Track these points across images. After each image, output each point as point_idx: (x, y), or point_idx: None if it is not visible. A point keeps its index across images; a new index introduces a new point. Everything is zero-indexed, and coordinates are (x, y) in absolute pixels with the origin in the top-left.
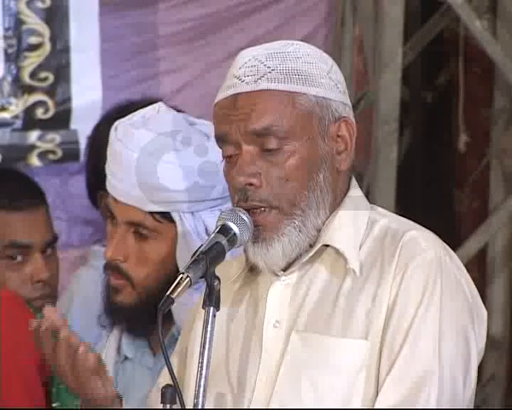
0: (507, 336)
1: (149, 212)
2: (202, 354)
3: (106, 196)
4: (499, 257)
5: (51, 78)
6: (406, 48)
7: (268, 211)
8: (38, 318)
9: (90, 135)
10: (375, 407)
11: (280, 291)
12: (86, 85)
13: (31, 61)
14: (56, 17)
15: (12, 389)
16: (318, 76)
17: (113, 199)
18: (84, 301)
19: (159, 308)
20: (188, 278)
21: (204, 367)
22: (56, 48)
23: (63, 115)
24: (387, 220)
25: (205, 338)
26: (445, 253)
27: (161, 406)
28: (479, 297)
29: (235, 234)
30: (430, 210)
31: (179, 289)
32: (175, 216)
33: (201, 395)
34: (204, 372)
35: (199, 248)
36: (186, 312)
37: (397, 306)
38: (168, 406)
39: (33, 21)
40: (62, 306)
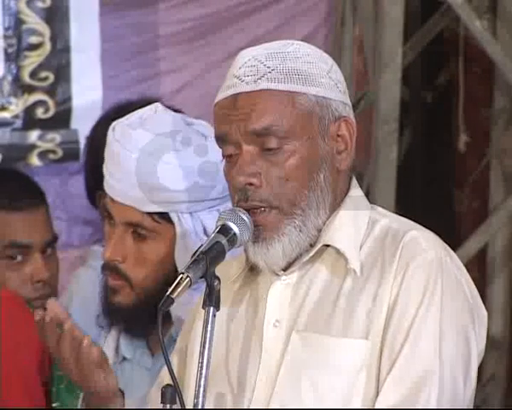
0: (507, 336)
1: (147, 212)
2: (202, 354)
3: (104, 197)
4: (499, 257)
5: (51, 77)
6: (406, 48)
7: (268, 211)
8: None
9: (89, 135)
10: (376, 407)
11: (280, 291)
12: (86, 85)
13: (31, 61)
14: (56, 17)
15: (12, 389)
16: (318, 76)
17: (111, 199)
18: (84, 301)
19: (159, 308)
20: (188, 278)
21: (204, 367)
22: (56, 47)
23: (63, 115)
24: (388, 220)
25: (205, 338)
26: (446, 253)
27: (161, 405)
28: (479, 298)
29: (235, 234)
30: (430, 210)
31: (179, 289)
32: (173, 217)
33: (201, 395)
34: (204, 372)
35: (199, 248)
36: (185, 312)
37: (397, 306)
38: (168, 406)
39: (33, 21)
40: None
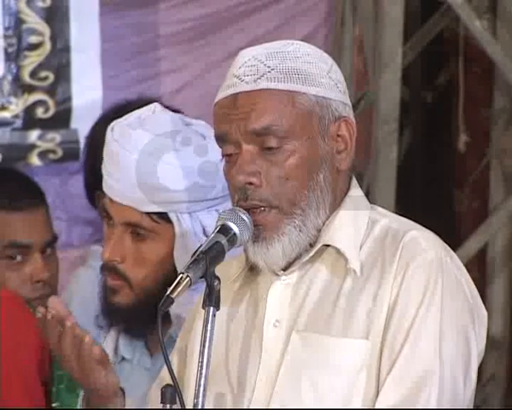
0: (507, 336)
1: (146, 212)
2: (202, 354)
3: (103, 197)
4: (499, 257)
5: (51, 77)
6: (406, 48)
7: (268, 210)
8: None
9: (88, 135)
10: (376, 407)
11: (280, 291)
12: (86, 85)
13: (31, 61)
14: (56, 16)
15: (12, 389)
16: (318, 76)
17: (110, 200)
18: (83, 301)
19: (159, 308)
20: (188, 278)
21: (204, 367)
22: (57, 47)
23: (63, 115)
24: (388, 220)
25: (205, 337)
26: (446, 253)
27: (161, 405)
28: (479, 298)
29: (235, 234)
30: (430, 210)
31: (179, 288)
32: (172, 217)
33: (201, 395)
34: (204, 372)
35: (199, 247)
36: (185, 310)
37: (398, 306)
38: (168, 406)
39: (33, 21)
40: None
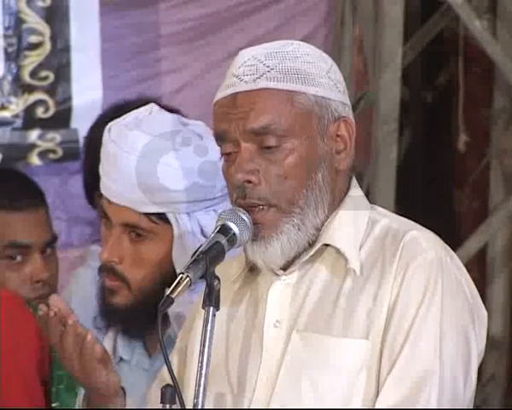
0: (507, 336)
1: (144, 213)
2: (202, 353)
3: (102, 197)
4: (499, 257)
5: (51, 77)
6: (406, 48)
7: (266, 209)
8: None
9: (87, 135)
10: (376, 407)
11: (280, 291)
12: (86, 85)
13: (31, 60)
14: (57, 16)
15: (12, 389)
16: (318, 75)
17: (107, 200)
18: (83, 300)
19: (158, 308)
20: (188, 278)
21: (204, 366)
22: (57, 47)
23: (63, 114)
24: (388, 220)
25: (205, 337)
26: (446, 253)
27: (161, 405)
28: (479, 298)
29: (234, 234)
30: (430, 210)
31: (179, 288)
32: (170, 217)
33: (201, 395)
34: (204, 372)
35: (199, 247)
36: (185, 309)
37: (398, 306)
38: (168, 406)
39: (33, 20)
40: None
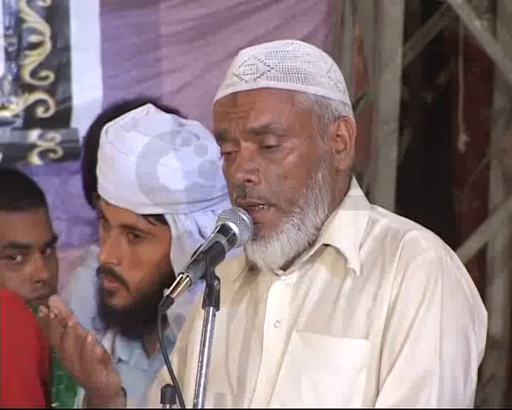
0: (507, 336)
1: (142, 214)
2: (202, 353)
3: (100, 198)
4: (499, 257)
5: (52, 76)
6: (406, 48)
7: (266, 208)
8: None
9: (86, 135)
10: (376, 407)
11: (280, 291)
12: (87, 84)
13: (31, 60)
14: (57, 16)
15: (12, 389)
16: (318, 75)
17: (105, 202)
18: (82, 300)
19: (158, 308)
20: (188, 278)
21: (204, 366)
22: (57, 46)
23: (64, 114)
24: (388, 220)
25: (205, 337)
26: (446, 253)
27: (161, 405)
28: (479, 298)
29: (234, 234)
30: (430, 210)
31: (179, 288)
32: (168, 218)
33: (201, 395)
34: (204, 372)
35: (199, 248)
36: (186, 309)
37: (398, 305)
38: (168, 406)
39: (34, 20)
40: None
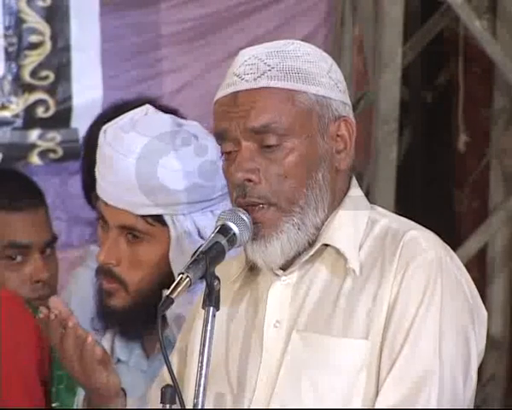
0: (507, 336)
1: (141, 215)
2: (202, 353)
3: (98, 199)
4: (499, 257)
5: (52, 76)
6: (406, 48)
7: (266, 208)
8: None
9: (86, 135)
10: (376, 407)
11: (280, 291)
12: (87, 84)
13: (31, 60)
14: (57, 16)
15: (12, 389)
16: (318, 75)
17: (104, 203)
18: (82, 301)
19: (158, 308)
20: (187, 278)
21: (204, 366)
22: (57, 46)
23: (64, 114)
24: (388, 220)
25: (205, 337)
26: (446, 253)
27: (161, 405)
28: (479, 298)
29: (234, 234)
30: (430, 210)
31: (179, 289)
32: (167, 219)
33: (201, 395)
34: (204, 372)
35: (199, 248)
36: (186, 309)
37: (397, 305)
38: (168, 406)
39: (34, 20)
40: None
